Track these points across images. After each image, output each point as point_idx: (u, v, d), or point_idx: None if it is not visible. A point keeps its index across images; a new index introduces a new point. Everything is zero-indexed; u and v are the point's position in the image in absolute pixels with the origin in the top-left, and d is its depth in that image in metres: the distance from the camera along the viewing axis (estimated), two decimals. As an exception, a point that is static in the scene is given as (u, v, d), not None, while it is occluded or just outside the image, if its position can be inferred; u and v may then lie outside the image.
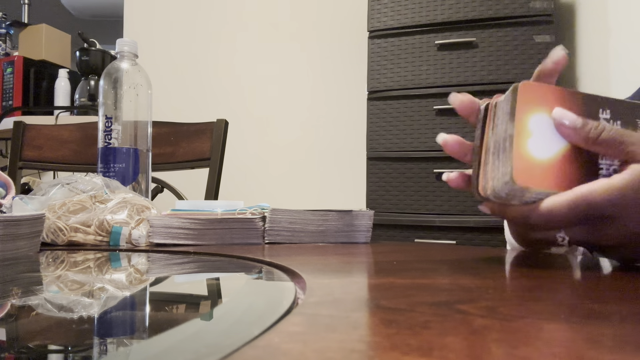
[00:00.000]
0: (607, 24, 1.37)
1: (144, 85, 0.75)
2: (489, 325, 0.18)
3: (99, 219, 0.53)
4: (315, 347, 0.15)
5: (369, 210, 0.60)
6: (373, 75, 1.63)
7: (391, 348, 0.15)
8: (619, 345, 0.16)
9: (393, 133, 1.60)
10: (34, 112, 1.97)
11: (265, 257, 0.41)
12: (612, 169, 0.34)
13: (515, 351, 0.15)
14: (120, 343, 0.18)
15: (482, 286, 0.27)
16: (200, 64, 2.17)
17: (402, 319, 0.19)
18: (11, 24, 2.24)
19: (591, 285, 0.29)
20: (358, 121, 1.95)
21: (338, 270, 0.32)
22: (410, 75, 1.59)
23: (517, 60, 1.47)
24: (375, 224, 0.62)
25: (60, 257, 0.43)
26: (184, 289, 0.32)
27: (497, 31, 1.49)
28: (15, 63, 2.01)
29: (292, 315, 0.19)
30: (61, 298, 0.25)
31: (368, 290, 0.25)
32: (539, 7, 1.45)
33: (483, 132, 0.38)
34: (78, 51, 1.96)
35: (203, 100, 2.14)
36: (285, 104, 2.10)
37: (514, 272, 0.33)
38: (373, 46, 1.63)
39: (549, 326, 0.18)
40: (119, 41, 0.75)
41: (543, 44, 1.45)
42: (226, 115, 1.23)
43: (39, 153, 1.15)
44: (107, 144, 0.72)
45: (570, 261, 0.39)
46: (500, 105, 0.36)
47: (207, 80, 2.16)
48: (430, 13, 1.56)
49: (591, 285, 0.29)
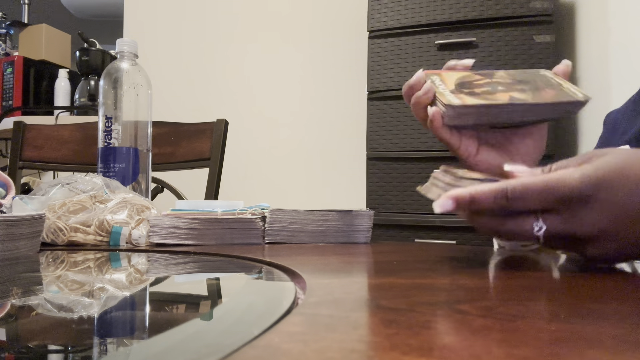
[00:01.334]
0: (607, 24, 1.37)
1: (144, 85, 0.75)
2: (489, 325, 0.18)
3: (99, 219, 0.53)
4: (315, 347, 0.15)
5: (369, 210, 0.60)
6: (373, 75, 1.63)
7: (391, 348, 0.15)
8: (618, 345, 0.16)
9: (393, 133, 1.60)
10: (34, 112, 1.97)
11: (265, 257, 0.41)
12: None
13: (515, 351, 0.15)
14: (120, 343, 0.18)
15: (481, 286, 0.27)
16: (200, 64, 2.17)
17: (402, 319, 0.19)
18: (11, 24, 2.24)
19: (591, 285, 0.29)
20: (358, 121, 1.95)
21: (338, 270, 0.32)
22: (410, 75, 1.58)
23: (517, 60, 1.47)
24: (375, 224, 0.62)
25: (60, 257, 0.43)
26: (184, 289, 0.32)
27: (497, 31, 1.49)
28: (16, 63, 2.01)
29: (292, 315, 0.19)
30: (61, 298, 0.25)
31: (368, 290, 0.25)
32: (539, 7, 1.45)
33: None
34: (78, 51, 1.96)
35: (203, 100, 2.14)
36: (285, 103, 2.10)
37: (514, 272, 0.33)
38: (373, 46, 1.63)
39: (549, 326, 0.18)
40: (119, 41, 0.75)
41: (543, 44, 1.44)
42: (226, 115, 1.23)
43: (39, 153, 1.15)
44: (107, 144, 0.72)
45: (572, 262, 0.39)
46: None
47: (207, 80, 2.16)
48: (430, 13, 1.56)
49: (591, 285, 0.29)
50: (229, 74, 2.15)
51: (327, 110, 2.07)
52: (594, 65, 1.46)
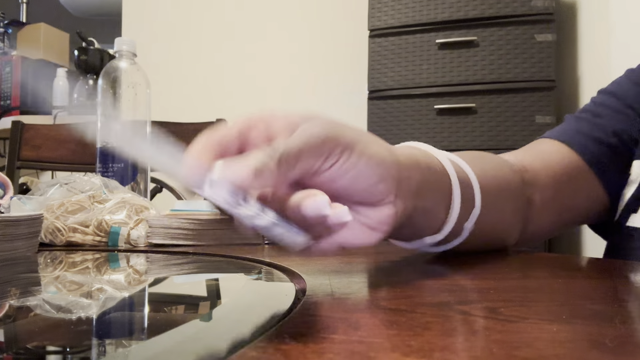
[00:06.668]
0: (609, 23, 1.37)
1: (142, 85, 0.75)
2: (490, 326, 0.18)
3: (97, 219, 0.52)
4: (315, 347, 0.15)
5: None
6: (374, 74, 1.62)
7: (392, 349, 0.15)
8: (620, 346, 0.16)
9: (394, 132, 1.59)
10: (32, 112, 1.97)
11: (265, 257, 0.40)
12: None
13: (516, 352, 0.15)
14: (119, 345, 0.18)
15: (483, 287, 0.27)
16: (199, 63, 2.16)
17: (403, 320, 0.18)
18: (9, 23, 2.23)
19: (593, 286, 0.29)
20: (359, 121, 1.94)
21: (338, 270, 0.32)
22: (411, 74, 1.58)
23: (518, 59, 1.47)
24: (375, 224, 0.61)
25: (58, 258, 0.43)
26: (184, 290, 0.32)
27: (499, 30, 1.49)
28: (14, 62, 2.01)
29: (292, 316, 0.19)
30: (59, 299, 0.25)
31: (368, 291, 0.25)
32: (540, 5, 1.45)
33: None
34: (76, 50, 1.95)
35: (202, 100, 2.14)
36: (286, 103, 2.10)
37: (515, 273, 0.33)
38: (373, 45, 1.63)
39: (551, 327, 0.18)
40: (118, 40, 0.75)
41: (544, 43, 1.44)
42: (225, 114, 1.22)
43: (37, 153, 1.14)
44: (105, 143, 0.72)
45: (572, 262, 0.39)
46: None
47: (206, 80, 2.16)
48: (431, 12, 1.56)
49: (593, 286, 0.29)
50: (228, 74, 2.15)
51: (327, 110, 2.06)
52: (595, 64, 1.46)
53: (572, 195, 0.45)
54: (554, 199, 0.44)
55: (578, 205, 0.46)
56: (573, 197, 0.45)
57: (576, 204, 0.46)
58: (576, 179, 0.45)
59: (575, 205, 0.46)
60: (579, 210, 0.46)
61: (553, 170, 0.44)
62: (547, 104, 1.44)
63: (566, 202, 0.45)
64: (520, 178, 0.42)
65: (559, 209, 0.44)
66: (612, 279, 0.32)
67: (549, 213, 0.44)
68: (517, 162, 0.43)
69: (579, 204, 0.46)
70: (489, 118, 1.49)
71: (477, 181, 0.35)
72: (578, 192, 0.45)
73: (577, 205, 0.46)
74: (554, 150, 0.46)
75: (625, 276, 0.32)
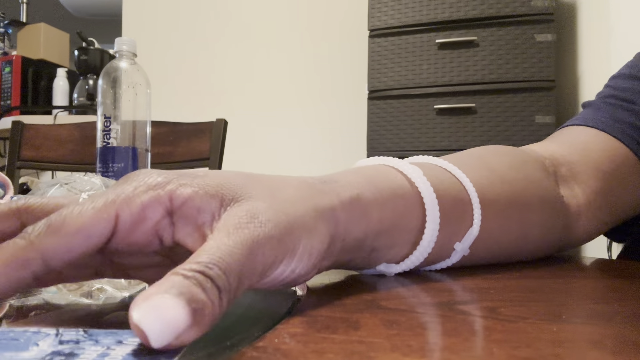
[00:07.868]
0: (609, 23, 1.37)
1: (142, 85, 0.75)
2: (490, 326, 0.18)
3: (97, 219, 0.52)
4: (315, 347, 0.15)
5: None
6: (373, 74, 1.62)
7: (392, 349, 0.15)
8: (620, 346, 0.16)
9: (393, 132, 1.59)
10: (32, 112, 1.97)
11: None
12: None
13: (516, 352, 0.15)
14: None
15: (483, 287, 0.27)
16: (200, 63, 2.16)
17: (403, 320, 0.18)
18: (9, 23, 2.23)
19: (593, 286, 0.29)
20: (358, 121, 1.94)
21: (338, 270, 0.32)
22: (410, 74, 1.58)
23: (518, 59, 1.47)
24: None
25: (58, 257, 0.43)
26: (183, 289, 0.31)
27: (498, 30, 1.49)
28: (14, 62, 2.01)
29: (292, 316, 0.19)
30: (59, 298, 0.25)
31: (368, 291, 0.25)
32: (540, 5, 1.45)
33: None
34: (77, 50, 1.95)
35: (202, 100, 2.14)
36: (285, 103, 2.10)
37: (515, 273, 0.33)
38: (373, 45, 1.63)
39: (551, 327, 0.18)
40: (118, 40, 0.75)
41: (544, 43, 1.44)
42: (225, 114, 1.22)
43: (37, 153, 1.14)
44: (105, 143, 0.72)
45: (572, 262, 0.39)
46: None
47: (206, 80, 2.16)
48: (431, 12, 1.56)
49: (593, 286, 0.29)
50: (228, 74, 2.15)
51: (327, 110, 2.06)
52: (595, 64, 1.46)
53: (621, 189, 0.39)
54: (601, 195, 0.38)
55: (629, 201, 0.40)
56: (623, 190, 0.39)
57: (627, 199, 0.40)
58: (623, 170, 0.39)
59: (626, 200, 0.40)
60: (630, 204, 0.41)
61: (595, 162, 0.38)
62: (547, 103, 1.44)
63: (616, 197, 0.39)
64: (553, 175, 0.36)
65: (609, 206, 0.39)
66: (612, 279, 0.32)
67: (598, 212, 0.38)
68: (548, 155, 0.37)
69: (629, 198, 0.40)
70: (489, 118, 1.49)
71: (478, 195, 0.30)
72: (627, 185, 0.39)
73: (627, 200, 0.40)
74: (592, 139, 0.40)
75: (625, 276, 0.32)
